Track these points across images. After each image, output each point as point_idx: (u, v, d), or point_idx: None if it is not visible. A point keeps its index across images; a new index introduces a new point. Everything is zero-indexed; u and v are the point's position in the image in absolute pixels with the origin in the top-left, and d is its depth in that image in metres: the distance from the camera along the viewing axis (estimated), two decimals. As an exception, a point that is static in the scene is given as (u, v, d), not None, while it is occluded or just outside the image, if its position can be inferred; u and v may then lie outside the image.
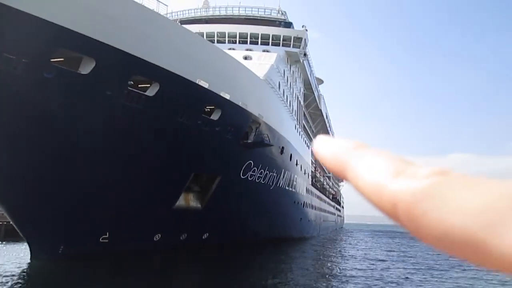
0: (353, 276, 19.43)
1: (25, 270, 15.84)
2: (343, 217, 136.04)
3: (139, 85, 16.85)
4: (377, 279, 18.64)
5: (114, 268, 15.91)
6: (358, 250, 38.02)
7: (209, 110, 20.44)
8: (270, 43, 36.94)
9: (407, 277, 20.13)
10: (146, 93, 16.72)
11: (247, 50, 34.77)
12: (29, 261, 17.18)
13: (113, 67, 15.20)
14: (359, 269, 22.24)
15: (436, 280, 19.55)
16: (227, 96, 20.80)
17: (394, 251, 38.37)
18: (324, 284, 17.39)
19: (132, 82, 16.38)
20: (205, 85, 19.13)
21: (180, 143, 18.92)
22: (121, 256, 16.66)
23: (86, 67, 14.68)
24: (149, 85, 16.92)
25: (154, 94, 16.83)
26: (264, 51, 35.64)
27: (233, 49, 33.75)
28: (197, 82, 18.72)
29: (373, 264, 25.08)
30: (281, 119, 31.24)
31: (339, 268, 22.94)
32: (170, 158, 18.72)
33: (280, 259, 24.80)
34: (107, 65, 14.96)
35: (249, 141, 24.18)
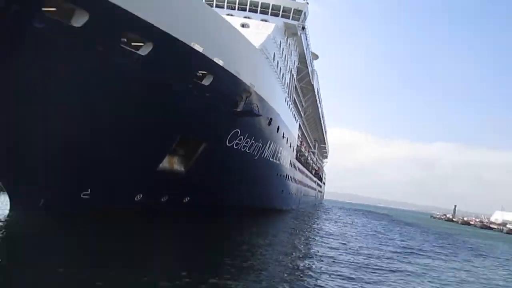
0: (327, 252, 19.95)
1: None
2: (323, 193, 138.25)
3: (132, 44, 16.51)
4: (351, 258, 19.17)
5: (90, 225, 16.01)
6: (336, 226, 38.91)
7: (201, 75, 20.21)
8: (269, 13, 36.23)
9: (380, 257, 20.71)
10: (139, 52, 16.42)
11: (245, 17, 34.14)
12: (7, 212, 17.08)
13: (106, 21, 14.83)
14: (332, 246, 22.81)
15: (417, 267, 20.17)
16: (220, 63, 20.57)
17: (370, 230, 39.37)
18: (300, 261, 17.80)
19: (125, 40, 16.04)
20: (199, 49, 18.85)
21: (168, 105, 18.77)
22: (102, 214, 16.74)
23: (79, 20, 14.28)
24: (142, 44, 16.60)
25: (147, 54, 16.54)
26: (262, 20, 35.03)
27: (231, 15, 33.13)
28: (191, 45, 18.43)
29: (347, 242, 25.75)
30: (272, 91, 31.11)
31: (314, 243, 23.51)
32: (158, 119, 18.60)
33: (258, 231, 25.26)
34: (100, 19, 14.58)
35: (238, 109, 24.10)
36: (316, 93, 63.46)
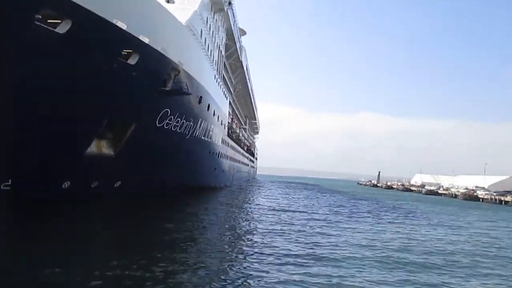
0: (261, 224, 20.57)
1: None
2: (256, 168, 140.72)
3: (49, 21, 15.35)
4: (286, 227, 19.96)
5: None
6: (268, 199, 40.01)
7: (126, 54, 19.38)
8: (194, -13, 35.35)
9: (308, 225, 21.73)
10: (56, 30, 15.32)
11: (169, -8, 33.02)
12: None
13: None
14: (267, 219, 23.52)
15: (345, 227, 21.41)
16: (146, 40, 19.84)
17: (300, 200, 41.03)
18: (235, 234, 18.18)
19: (40, 17, 14.85)
20: (123, 26, 18.00)
21: (93, 87, 17.83)
22: (26, 204, 15.79)
23: None
24: (60, 21, 15.48)
25: (65, 32, 15.47)
26: (187, -5, 34.10)
27: (155, -11, 31.84)
28: (114, 22, 17.54)
29: (281, 212, 26.68)
30: (201, 68, 30.73)
31: (249, 217, 24.06)
32: (82, 102, 17.65)
33: (192, 211, 25.33)
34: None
35: (167, 88, 23.56)
36: (245, 69, 63.59)
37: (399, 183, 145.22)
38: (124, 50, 19.25)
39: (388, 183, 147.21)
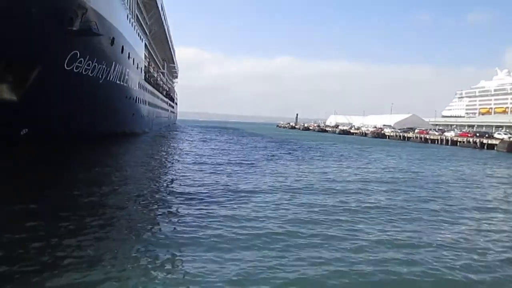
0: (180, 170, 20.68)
1: None
2: (176, 114, 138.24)
3: None
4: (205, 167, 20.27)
5: None
6: (190, 144, 40.01)
7: (23, -13, 17.39)
8: None
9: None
10: None
11: None
12: None
13: None
14: (188, 164, 23.68)
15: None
16: (45, -28, 17.90)
17: (222, 144, 41.62)
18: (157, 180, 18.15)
19: None
20: (15, -45, 16.00)
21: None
22: None
23: None
24: None
25: None
26: None
27: None
28: (5, -51, 15.50)
29: (199, 157, 26.95)
30: (111, 7, 28.57)
31: (168, 162, 24.01)
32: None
33: (108, 156, 24.64)
34: None
35: (74, 28, 21.71)
36: (160, 9, 60.23)
37: (315, 124, 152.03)
38: (20, -17, 17.25)
39: (305, 125, 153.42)
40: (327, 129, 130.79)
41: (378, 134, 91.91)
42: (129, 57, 34.79)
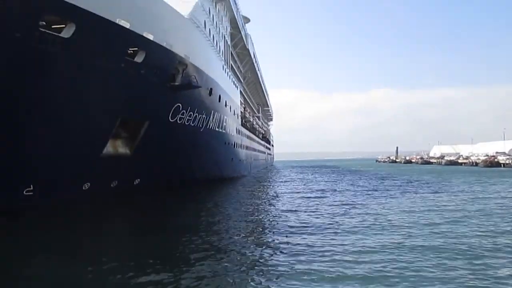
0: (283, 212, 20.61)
1: None
2: (273, 155, 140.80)
3: (53, 26, 15.47)
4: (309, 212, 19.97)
5: (41, 221, 15.45)
6: (287, 186, 40.04)
7: (132, 52, 19.44)
8: (193, -21, 35.15)
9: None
10: (61, 35, 15.43)
11: (169, -14, 32.87)
12: None
13: (20, 4, 13.76)
14: (289, 206, 23.57)
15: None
16: (150, 37, 19.85)
17: (321, 183, 40.97)
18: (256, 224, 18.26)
19: (44, 23, 14.97)
20: (126, 25, 18.03)
21: (103, 88, 17.99)
22: (50, 209, 16.16)
23: None
24: (64, 26, 15.59)
25: (70, 36, 15.57)
26: (187, -13, 33.92)
27: (154, -15, 31.73)
28: (117, 22, 17.58)
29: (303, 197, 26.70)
30: (208, 60, 30.64)
31: (269, 205, 24.13)
32: (94, 104, 17.85)
33: (211, 201, 25.52)
34: (13, 3, 13.50)
35: (176, 83, 23.61)
36: (252, 56, 63.21)
37: (418, 157, 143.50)
38: (130, 49, 19.32)
39: (407, 158, 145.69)
40: (431, 160, 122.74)
41: (492, 163, 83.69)
42: (226, 105, 36.60)
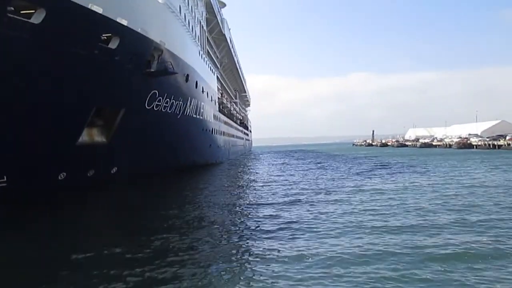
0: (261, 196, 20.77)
1: None
2: (251, 141, 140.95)
3: (22, 12, 14.96)
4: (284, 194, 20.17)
5: (15, 211, 15.13)
6: (264, 171, 40.27)
7: (106, 38, 19.01)
8: (167, -37, 34.45)
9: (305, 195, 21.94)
10: (30, 21, 14.94)
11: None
12: None
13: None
14: (266, 190, 23.75)
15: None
16: (124, 22, 19.43)
17: (302, 167, 41.35)
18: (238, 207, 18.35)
19: (13, 8, 14.46)
20: (98, 10, 17.57)
21: (76, 76, 17.55)
22: (24, 199, 15.85)
23: None
24: (33, 11, 15.09)
25: (40, 22, 15.09)
26: (161, -29, 33.24)
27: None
28: (89, 7, 17.12)
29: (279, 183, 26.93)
30: (184, 46, 30.25)
31: (248, 189, 24.26)
32: (66, 92, 17.43)
33: (194, 185, 25.52)
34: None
35: (152, 69, 23.26)
36: (229, 42, 62.67)
37: (393, 140, 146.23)
38: (103, 35, 18.89)
39: (383, 141, 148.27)
40: (406, 143, 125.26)
41: (465, 145, 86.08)
42: (203, 91, 36.34)
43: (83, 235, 12.67)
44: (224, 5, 60.88)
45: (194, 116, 33.28)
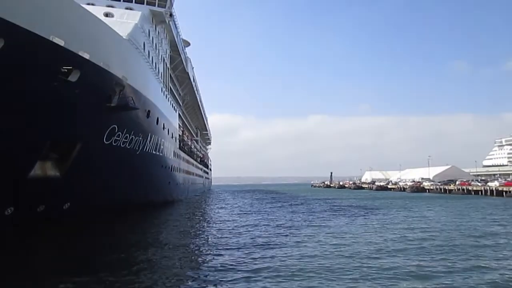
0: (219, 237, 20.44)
1: None
2: (211, 179, 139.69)
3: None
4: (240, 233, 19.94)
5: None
6: (223, 209, 39.83)
7: (66, 70, 18.71)
8: (133, 0, 34.95)
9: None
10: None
11: (108, 6, 32.38)
12: None
13: None
14: (223, 229, 23.42)
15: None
16: (86, 56, 19.28)
17: (257, 209, 41.21)
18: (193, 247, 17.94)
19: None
20: (60, 42, 17.39)
21: (32, 107, 17.05)
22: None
23: None
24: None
25: (-2, 51, 14.73)
26: (127, 8, 33.64)
27: (93, 4, 31.12)
28: (50, 39, 16.92)
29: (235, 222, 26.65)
30: (146, 82, 30.23)
31: (205, 228, 23.83)
32: (20, 124, 16.83)
33: (146, 226, 24.76)
34: None
35: (112, 104, 22.95)
36: (192, 80, 63.26)
37: (351, 182, 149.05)
38: (64, 67, 18.61)
39: (341, 183, 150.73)
40: (363, 186, 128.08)
41: (418, 188, 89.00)
42: (164, 127, 36.09)
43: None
44: (188, 44, 61.83)
45: (154, 152, 32.81)
